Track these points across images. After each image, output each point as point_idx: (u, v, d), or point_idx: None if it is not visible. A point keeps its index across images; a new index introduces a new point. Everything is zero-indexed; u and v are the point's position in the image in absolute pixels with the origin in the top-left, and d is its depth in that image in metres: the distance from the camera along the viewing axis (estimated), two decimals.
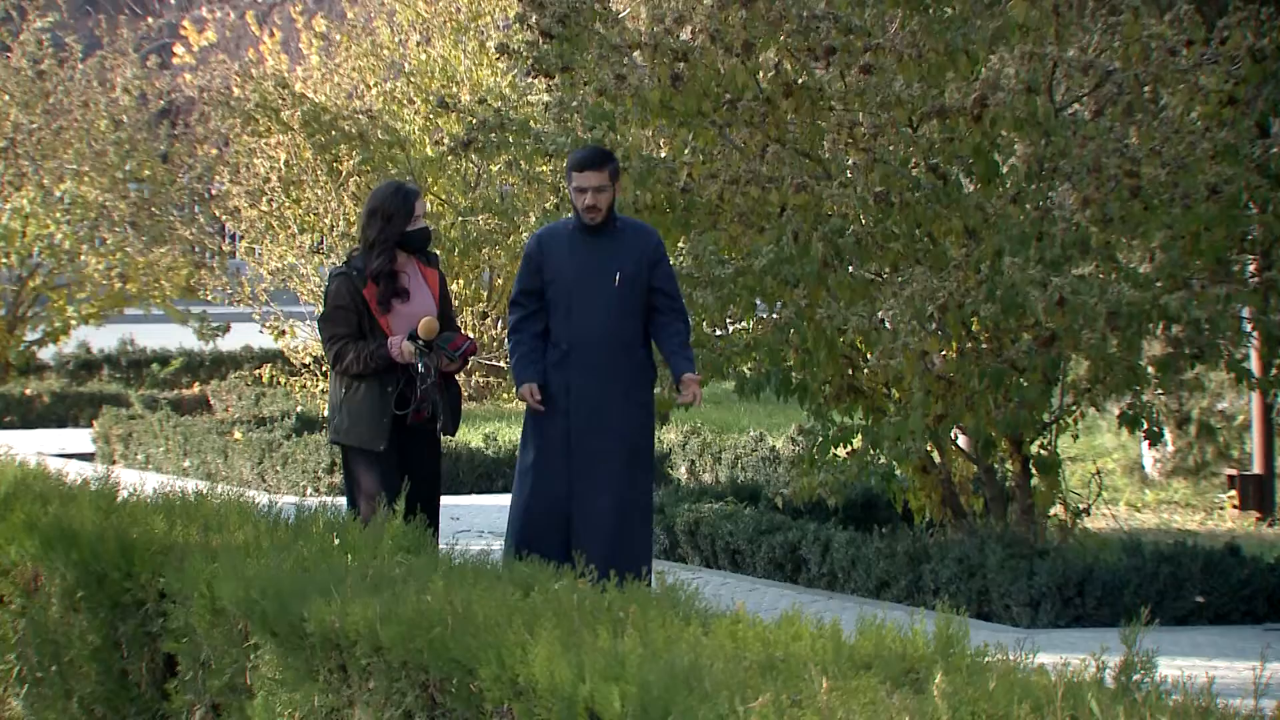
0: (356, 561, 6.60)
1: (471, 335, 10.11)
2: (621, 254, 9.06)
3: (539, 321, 9.13)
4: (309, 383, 18.06)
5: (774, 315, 11.07)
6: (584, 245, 9.09)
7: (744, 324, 11.31)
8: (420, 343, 8.80)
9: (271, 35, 21.31)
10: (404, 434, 8.89)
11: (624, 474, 9.01)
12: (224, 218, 20.39)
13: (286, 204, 18.60)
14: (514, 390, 9.09)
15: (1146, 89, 10.95)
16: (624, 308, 9.04)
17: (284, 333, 18.44)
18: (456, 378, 9.11)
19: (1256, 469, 14.39)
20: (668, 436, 16.19)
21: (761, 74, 11.10)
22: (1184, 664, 8.78)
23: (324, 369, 18.18)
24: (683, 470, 15.66)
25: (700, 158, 11.22)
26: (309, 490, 16.11)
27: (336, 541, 6.96)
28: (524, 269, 9.22)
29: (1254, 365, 11.83)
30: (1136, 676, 4.62)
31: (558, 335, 9.08)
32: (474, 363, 21.17)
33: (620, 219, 9.22)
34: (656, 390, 9.55)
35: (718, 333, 11.37)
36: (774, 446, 15.60)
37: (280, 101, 18.70)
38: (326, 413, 9.39)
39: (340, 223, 18.41)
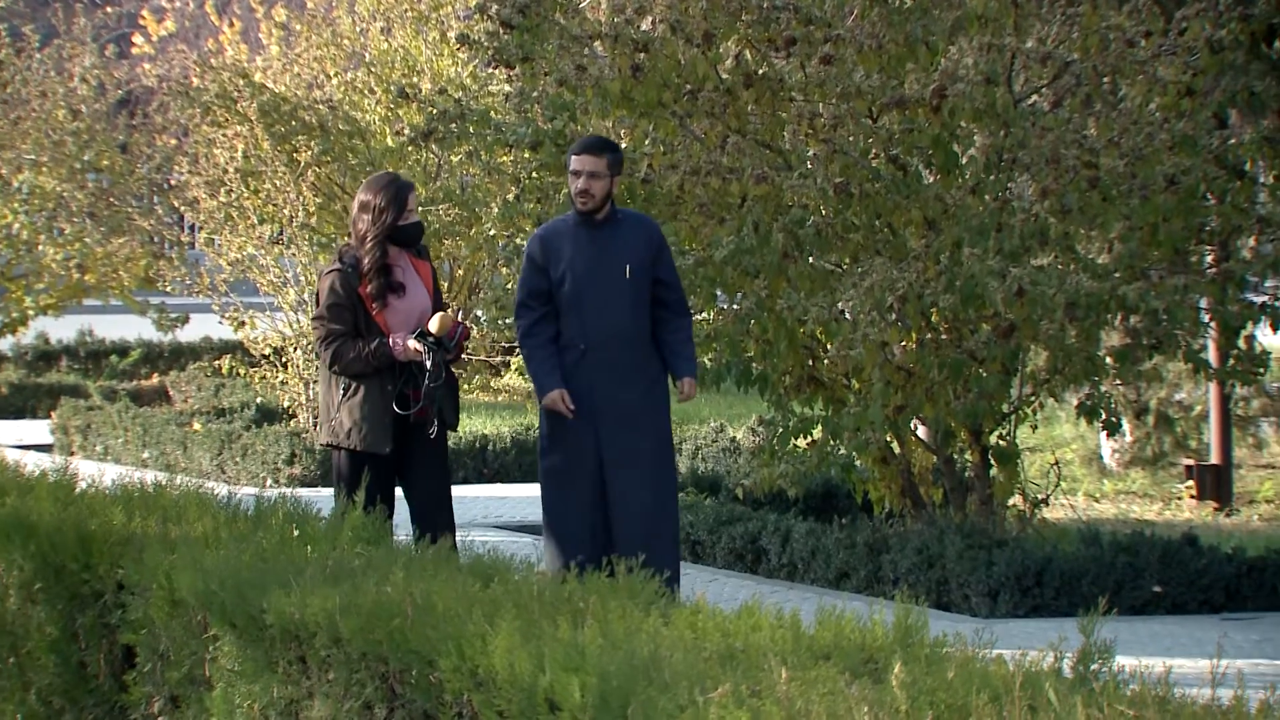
0: (316, 553, 6.59)
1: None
2: (627, 246, 8.81)
3: (550, 324, 8.79)
4: (269, 374, 18.01)
5: (734, 306, 11.08)
6: (588, 239, 8.80)
7: (704, 315, 11.32)
8: (431, 339, 8.47)
9: (231, 25, 21.22)
10: (403, 434, 8.55)
11: (657, 474, 8.72)
12: (183, 208, 20.32)
13: (245, 194, 18.53)
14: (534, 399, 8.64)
15: (1105, 80, 10.99)
16: (636, 301, 8.79)
17: (243, 324, 18.38)
18: (453, 368, 8.81)
19: (1214, 459, 14.46)
20: None
21: (722, 65, 11.10)
22: (1141, 654, 8.81)
23: (284, 360, 18.12)
24: None
25: (661, 148, 11.22)
26: (269, 481, 16.07)
27: (296, 533, 6.95)
28: (528, 270, 8.87)
29: (1211, 356, 11.89)
30: (1094, 666, 4.64)
31: (572, 335, 8.74)
32: None
33: (619, 211, 8.98)
34: None
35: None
36: (734, 437, 15.62)
37: (238, 92, 18.64)
38: (319, 414, 8.83)
39: (300, 213, 18.35)
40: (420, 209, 20.86)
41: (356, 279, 8.53)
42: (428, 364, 8.43)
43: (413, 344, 8.44)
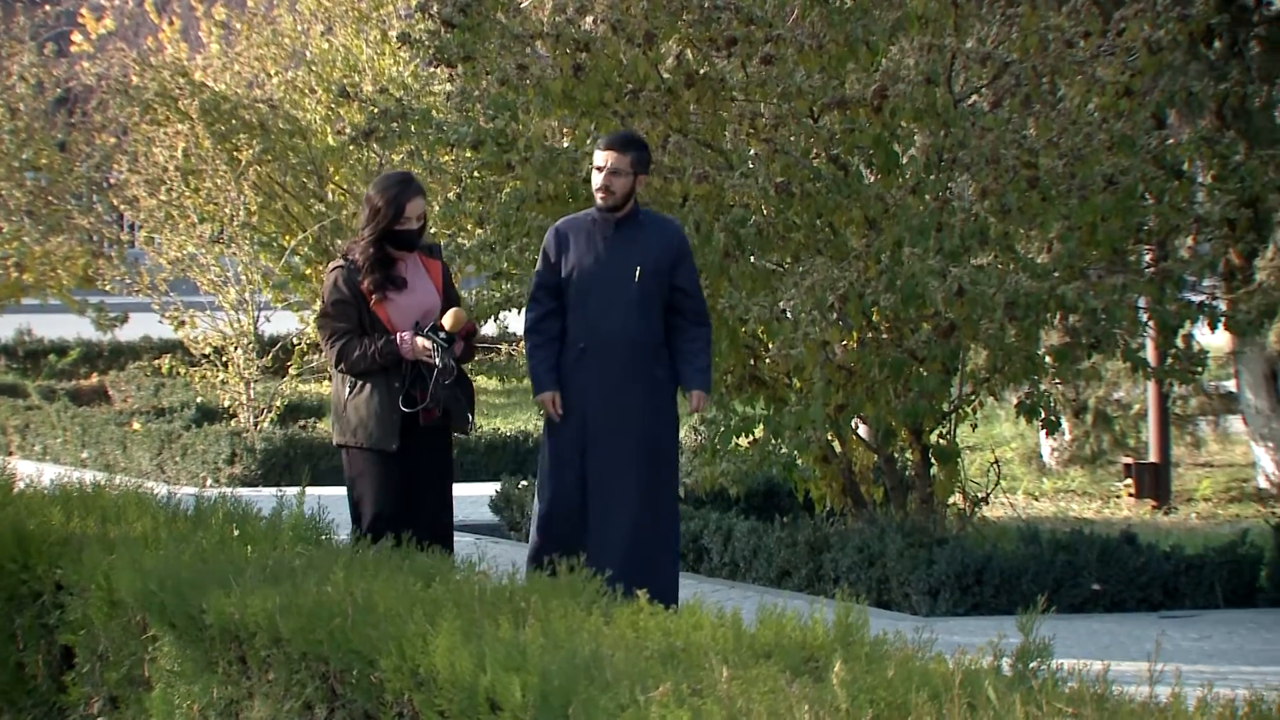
0: (256, 553, 6.57)
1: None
2: (643, 248, 8.59)
3: (558, 320, 8.61)
4: (209, 373, 17.94)
5: None
6: (604, 237, 8.60)
7: None
8: (442, 335, 8.20)
9: (171, 23, 21.12)
10: (413, 435, 8.24)
11: (643, 492, 8.47)
12: (122, 207, 20.22)
13: (186, 193, 18.47)
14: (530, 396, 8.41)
15: (1044, 81, 11.04)
16: (645, 305, 8.55)
17: (184, 323, 18.31)
18: (468, 371, 8.53)
19: (1152, 457, 14.54)
20: None
21: (663, 64, 11.11)
22: (1080, 652, 8.86)
23: (224, 360, 18.06)
24: None
25: None
26: (209, 481, 16.01)
27: (236, 533, 6.93)
28: (541, 263, 8.72)
29: (1150, 355, 11.95)
30: (1033, 664, 4.66)
31: (574, 333, 8.57)
32: None
33: (644, 212, 8.78)
34: None
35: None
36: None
37: (178, 90, 18.58)
38: (331, 415, 8.65)
39: (240, 212, 18.29)
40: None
41: (359, 274, 8.31)
42: (436, 362, 8.18)
43: (421, 341, 8.19)
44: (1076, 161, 10.84)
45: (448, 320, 8.25)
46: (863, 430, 11.63)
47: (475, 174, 11.47)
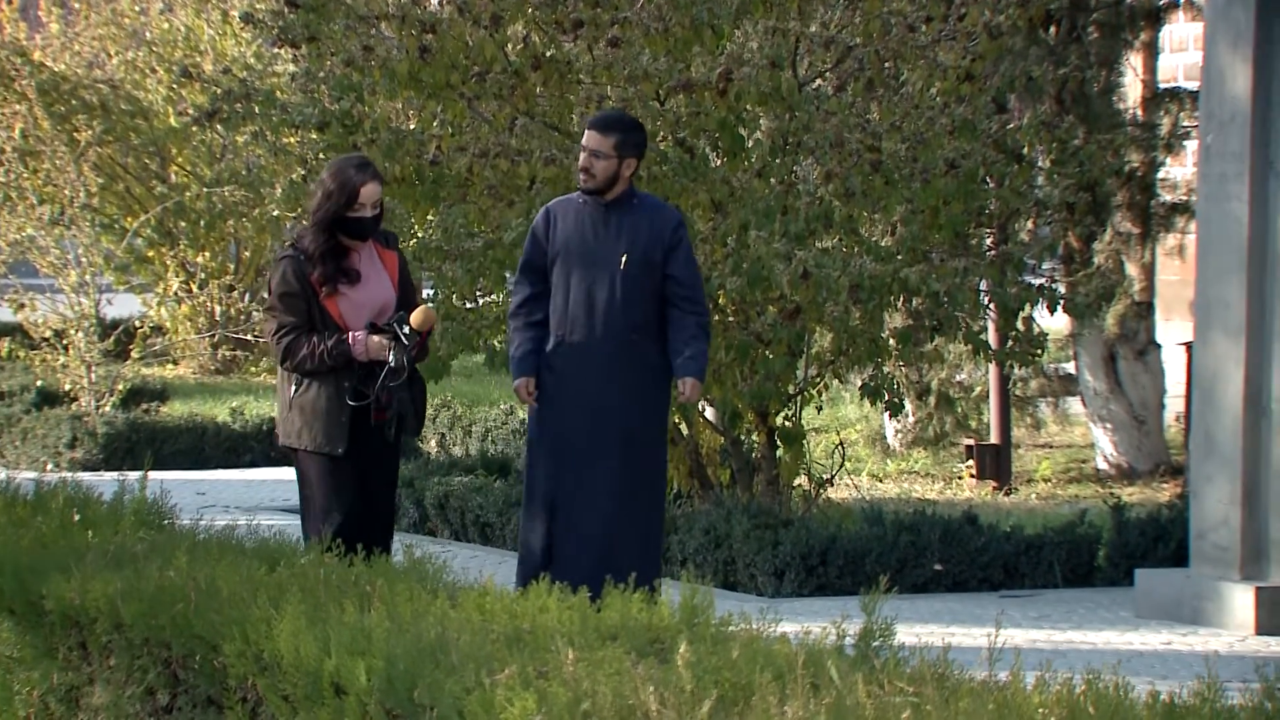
0: (98, 538, 6.51)
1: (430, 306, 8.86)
2: (632, 233, 8.26)
3: (543, 304, 8.30)
4: (49, 357, 17.68)
5: None
6: (593, 221, 8.28)
7: (494, 297, 11.31)
8: (406, 331, 7.71)
9: (10, 2, 20.81)
10: (362, 436, 7.77)
11: (623, 481, 8.23)
12: None
13: (24, 174, 18.20)
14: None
15: (887, 65, 11.13)
16: (631, 294, 8.23)
17: (23, 305, 18.03)
18: (421, 375, 8.01)
19: (993, 439, 14.71)
20: None
21: (510, 47, 11.09)
22: (922, 630, 8.96)
23: (65, 343, 17.81)
24: (433, 443, 15.62)
25: (449, 130, 11.19)
26: (49, 466, 15.81)
27: (77, 517, 6.85)
28: (529, 242, 8.40)
29: (991, 337, 12.09)
30: (875, 644, 4.71)
31: (556, 321, 8.28)
32: (220, 335, 20.92)
33: (640, 195, 8.45)
34: None
35: (468, 305, 11.33)
36: (524, 419, 15.61)
37: (16, 70, 18.31)
38: (275, 413, 8.14)
39: (81, 194, 18.05)
40: (205, 190, 20.77)
41: (309, 266, 7.76)
42: (390, 360, 7.70)
43: (374, 340, 7.70)
44: (919, 145, 10.95)
45: (416, 318, 7.78)
46: (709, 413, 11.69)
47: (321, 156, 11.39)
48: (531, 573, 7.68)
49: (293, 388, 7.77)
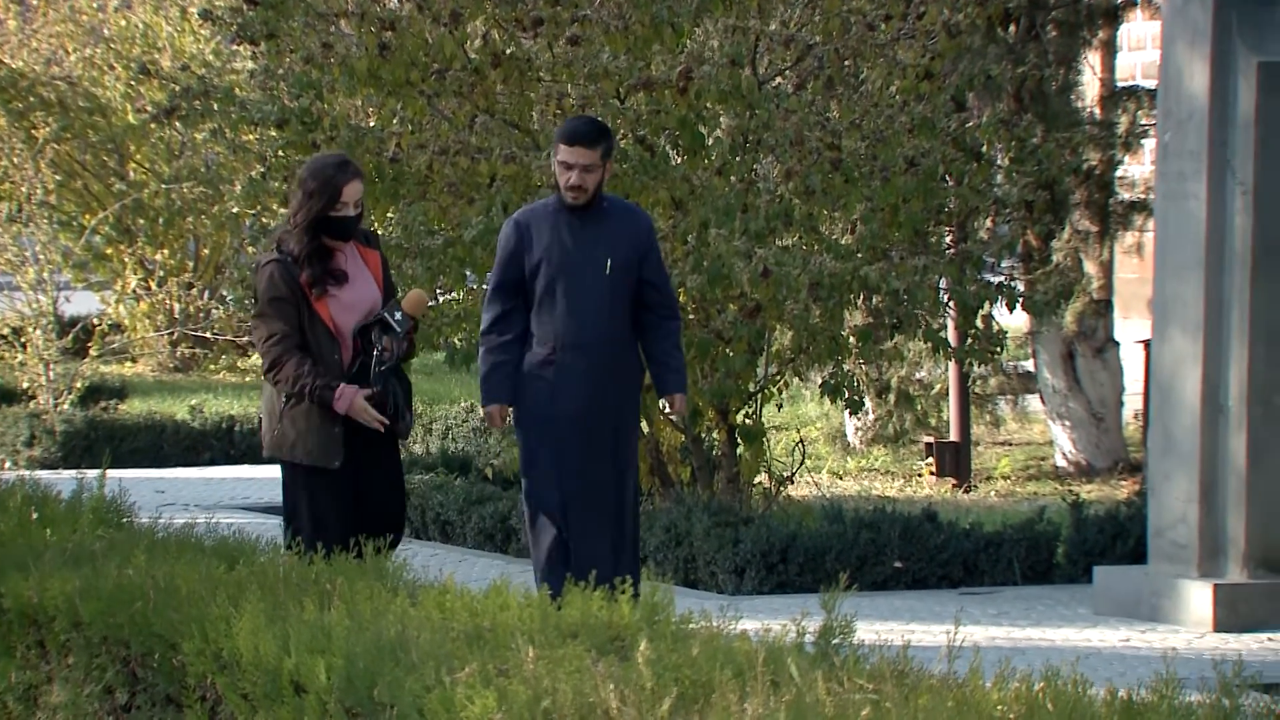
0: (56, 536, 6.49)
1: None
2: (611, 239, 8.08)
3: (518, 321, 8.06)
4: (7, 354, 17.62)
5: (484, 286, 11.07)
6: (569, 229, 8.06)
7: (454, 295, 11.30)
8: (398, 317, 7.51)
9: None
10: (357, 441, 7.55)
11: (620, 504, 8.13)
12: None
13: None
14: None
15: (846, 63, 11.16)
16: (615, 302, 8.09)
17: None
18: (406, 374, 7.83)
19: (953, 436, 14.75)
20: None
21: (469, 44, 11.09)
22: (882, 628, 8.97)
23: (23, 340, 17.76)
24: None
25: (409, 128, 11.18)
26: (7, 464, 15.75)
27: (35, 515, 6.83)
28: (501, 257, 8.13)
29: (950, 335, 12.13)
30: (835, 641, 4.72)
31: (542, 334, 8.04)
32: (179, 333, 20.86)
33: (608, 198, 8.25)
34: None
35: (429, 304, 11.33)
36: (484, 417, 15.58)
37: None
38: (261, 422, 7.78)
39: (39, 190, 17.99)
40: (164, 187, 20.71)
41: (297, 268, 7.54)
42: (379, 346, 7.52)
43: (360, 402, 7.45)
44: (878, 144, 10.98)
45: (408, 302, 7.69)
46: None
47: (280, 153, 11.37)
48: (560, 579, 7.25)
49: (284, 398, 7.55)
